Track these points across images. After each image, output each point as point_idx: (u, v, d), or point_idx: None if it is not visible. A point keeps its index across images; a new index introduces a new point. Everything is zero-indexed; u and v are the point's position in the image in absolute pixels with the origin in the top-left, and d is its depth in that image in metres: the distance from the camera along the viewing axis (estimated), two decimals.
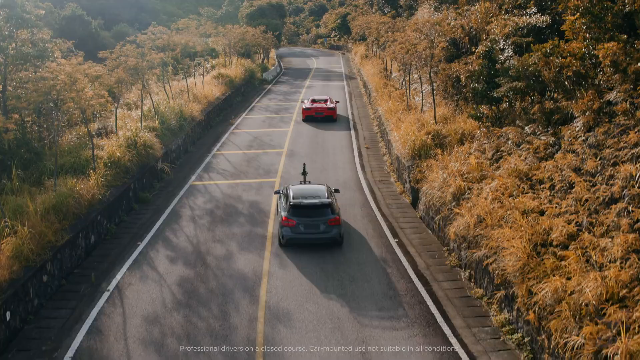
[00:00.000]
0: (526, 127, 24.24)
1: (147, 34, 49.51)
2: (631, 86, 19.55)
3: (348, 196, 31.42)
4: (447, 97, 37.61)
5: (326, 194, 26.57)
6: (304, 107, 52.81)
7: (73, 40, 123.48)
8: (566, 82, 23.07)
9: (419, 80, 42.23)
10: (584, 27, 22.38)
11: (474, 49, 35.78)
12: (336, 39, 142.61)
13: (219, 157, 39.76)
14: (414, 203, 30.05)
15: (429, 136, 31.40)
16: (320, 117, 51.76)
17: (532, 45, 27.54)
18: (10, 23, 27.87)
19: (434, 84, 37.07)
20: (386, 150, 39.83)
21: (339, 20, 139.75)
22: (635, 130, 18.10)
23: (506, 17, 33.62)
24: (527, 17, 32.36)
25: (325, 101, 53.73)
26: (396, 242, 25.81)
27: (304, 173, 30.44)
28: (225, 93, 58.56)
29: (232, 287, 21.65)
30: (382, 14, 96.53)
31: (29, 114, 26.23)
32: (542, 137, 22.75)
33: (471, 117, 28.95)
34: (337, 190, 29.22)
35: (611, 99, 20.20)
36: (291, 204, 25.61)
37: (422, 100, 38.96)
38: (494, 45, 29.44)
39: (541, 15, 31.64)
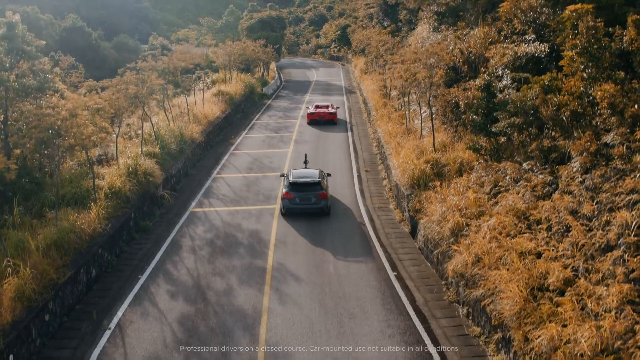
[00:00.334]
0: (524, 164, 24.41)
1: (147, 59, 49.15)
2: (628, 130, 19.75)
3: (348, 225, 31.65)
4: (446, 122, 37.84)
5: (317, 176, 34.07)
6: (308, 112, 60.66)
7: (73, 51, 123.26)
8: (564, 119, 23.25)
9: (418, 102, 42.43)
10: (582, 66, 22.60)
11: (472, 82, 35.96)
12: (336, 50, 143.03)
13: (219, 180, 39.95)
14: (413, 232, 30.24)
15: (428, 165, 31.60)
16: (322, 120, 59.30)
17: (530, 77, 27.83)
18: (11, 55, 28.05)
19: (433, 108, 37.29)
20: (385, 174, 40.02)
21: (338, 32, 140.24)
22: (632, 176, 18.29)
23: (505, 45, 33.82)
24: (526, 45, 32.59)
25: (327, 107, 61.33)
26: (395, 275, 25.93)
27: (305, 162, 37.93)
28: (225, 111, 58.80)
29: (232, 325, 21.78)
30: (382, 28, 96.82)
31: (30, 150, 26.30)
32: (540, 176, 22.94)
33: (470, 148, 29.15)
34: (329, 174, 37.29)
35: (608, 141, 20.40)
36: (290, 181, 33.37)
37: (422, 124, 39.16)
38: (492, 79, 29.59)
39: (540, 43, 31.85)
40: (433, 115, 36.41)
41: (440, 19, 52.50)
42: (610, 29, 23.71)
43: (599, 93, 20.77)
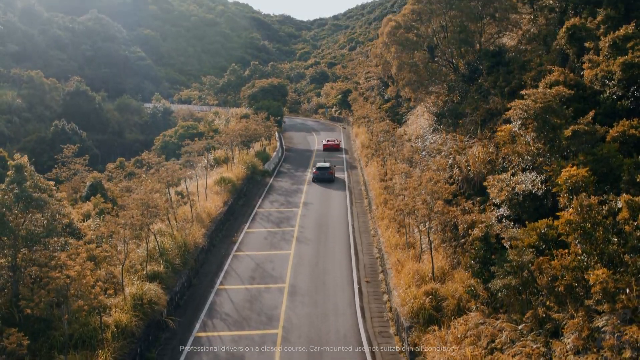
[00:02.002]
0: (520, 326, 25.10)
1: (149, 176, 49.99)
2: (619, 321, 20.46)
3: None
4: (446, 240, 38.61)
5: (329, 165, 77.28)
6: (323, 143, 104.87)
7: (77, 116, 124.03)
8: (558, 289, 23.97)
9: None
10: (576, 242, 23.43)
11: (471, 204, 36.84)
12: (337, 113, 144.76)
13: (221, 294, 40.50)
14: None
15: (427, 298, 32.25)
16: (331, 149, 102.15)
17: (527, 222, 28.62)
18: (19, 203, 28.83)
19: (432, 226, 38.10)
20: (386, 288, 40.60)
21: (339, 96, 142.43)
22: None
23: (502, 176, 34.65)
24: (523, 174, 33.49)
25: (334, 140, 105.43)
26: None
27: (324, 161, 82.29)
28: (228, 202, 59.53)
29: None
30: (382, 101, 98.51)
31: (40, 311, 26.89)
32: (534, 345, 23.61)
33: (467, 293, 29.90)
34: (335, 165, 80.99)
35: (600, 326, 21.11)
36: (316, 167, 77.02)
37: (421, 244, 39.77)
38: (489, 231, 30.38)
39: (537, 175, 32.72)
40: (434, 227, 37.17)
41: (439, 119, 53.71)
42: (604, 196, 24.68)
43: (591, 277, 21.52)
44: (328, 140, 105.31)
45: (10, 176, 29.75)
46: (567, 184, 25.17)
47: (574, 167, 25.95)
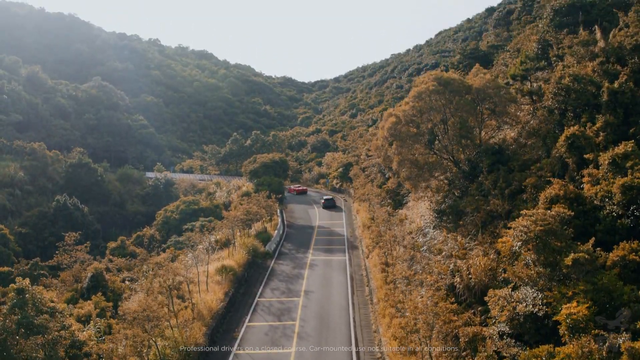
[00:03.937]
0: None
1: (148, 276, 50.11)
2: None
3: None
4: (447, 349, 38.46)
5: (332, 197, 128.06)
6: (297, 189, 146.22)
7: (79, 189, 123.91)
8: None
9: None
10: None
11: (472, 315, 36.84)
12: (338, 185, 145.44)
13: None
14: None
15: None
16: (301, 193, 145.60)
17: (528, 344, 28.66)
18: (20, 329, 28.95)
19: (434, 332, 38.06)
20: None
21: (340, 169, 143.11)
22: None
23: (503, 292, 34.71)
24: (524, 291, 33.54)
25: (299, 187, 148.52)
26: None
27: (328, 196, 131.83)
28: (229, 292, 59.45)
29: None
30: (383, 179, 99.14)
31: None
32: None
33: None
34: (334, 198, 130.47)
35: None
36: (324, 199, 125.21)
37: (422, 354, 39.64)
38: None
39: (538, 292, 32.79)
40: (432, 349, 37.09)
41: (440, 216, 54.00)
42: (604, 333, 24.78)
43: None
44: (299, 187, 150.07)
45: (11, 299, 29.95)
46: (568, 321, 25.29)
47: (574, 302, 26.09)
